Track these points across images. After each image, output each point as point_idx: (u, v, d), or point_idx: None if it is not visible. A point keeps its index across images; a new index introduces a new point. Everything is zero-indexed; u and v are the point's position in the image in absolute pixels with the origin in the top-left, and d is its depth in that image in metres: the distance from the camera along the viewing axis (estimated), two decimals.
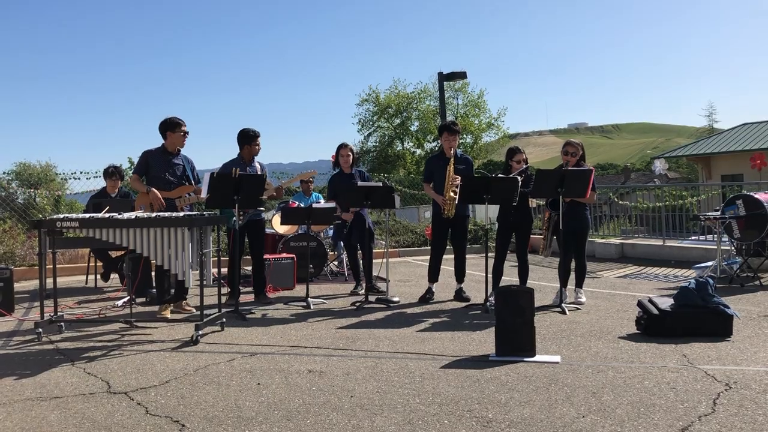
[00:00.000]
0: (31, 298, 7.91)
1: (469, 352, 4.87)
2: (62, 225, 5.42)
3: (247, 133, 7.07)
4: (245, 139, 7.07)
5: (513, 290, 4.81)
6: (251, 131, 7.08)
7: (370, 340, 5.33)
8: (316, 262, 9.05)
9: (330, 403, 3.75)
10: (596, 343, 5.05)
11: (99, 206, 6.96)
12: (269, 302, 7.23)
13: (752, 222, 7.97)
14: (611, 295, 7.38)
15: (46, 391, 4.06)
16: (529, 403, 3.67)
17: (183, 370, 4.46)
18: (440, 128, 7.49)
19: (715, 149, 27.20)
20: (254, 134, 7.07)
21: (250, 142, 7.06)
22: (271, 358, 4.77)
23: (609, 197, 14.42)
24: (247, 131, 7.08)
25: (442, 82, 16.86)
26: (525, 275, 7.04)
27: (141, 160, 6.53)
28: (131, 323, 5.80)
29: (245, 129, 7.11)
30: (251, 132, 7.07)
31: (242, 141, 7.08)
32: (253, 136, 7.06)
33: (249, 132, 7.07)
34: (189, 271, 5.39)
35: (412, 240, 13.12)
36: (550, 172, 6.55)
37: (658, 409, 3.52)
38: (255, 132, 7.08)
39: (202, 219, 5.62)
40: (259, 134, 7.11)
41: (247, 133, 7.06)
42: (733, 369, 4.27)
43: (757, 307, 6.39)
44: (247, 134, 7.06)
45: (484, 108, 39.89)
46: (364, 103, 40.38)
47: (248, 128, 7.11)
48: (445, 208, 7.02)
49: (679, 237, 11.59)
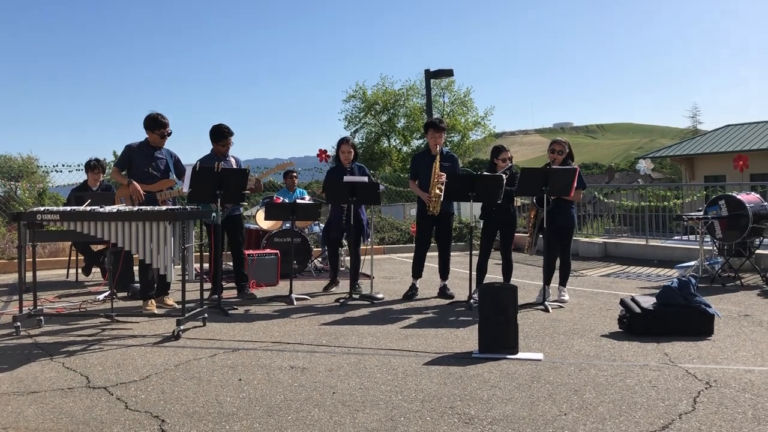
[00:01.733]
0: (9, 292, 7.80)
1: (452, 348, 4.86)
2: (43, 218, 5.35)
3: (220, 129, 7.02)
4: (218, 136, 7.02)
5: (496, 288, 4.81)
6: (225, 128, 7.03)
7: (354, 336, 5.31)
8: (300, 259, 9.01)
9: (312, 399, 3.72)
10: (579, 341, 5.07)
11: (80, 199, 6.89)
12: (252, 298, 7.18)
13: (734, 223, 8.04)
14: (594, 293, 7.42)
15: (23, 386, 4.00)
16: (512, 401, 3.67)
17: (164, 365, 4.42)
18: (426, 125, 7.48)
19: (699, 150, 27.42)
20: (228, 132, 7.03)
21: (223, 139, 7.02)
22: (253, 354, 4.74)
23: (594, 196, 14.48)
24: (220, 128, 7.03)
25: (429, 79, 16.85)
26: (509, 273, 7.05)
27: (123, 154, 6.47)
28: (112, 318, 5.74)
29: (219, 125, 7.06)
30: (224, 129, 7.03)
31: (216, 137, 7.04)
32: (227, 134, 7.03)
33: (222, 128, 7.02)
34: (171, 265, 5.34)
35: (397, 237, 13.11)
36: (535, 170, 6.56)
37: (640, 407, 3.54)
38: (229, 130, 7.05)
39: (185, 213, 5.56)
40: (232, 132, 7.08)
41: (221, 129, 7.02)
42: (713, 368, 4.30)
43: (737, 307, 6.44)
44: (221, 131, 7.01)
45: (470, 106, 39.96)
46: (350, 99, 40.29)
47: (221, 125, 7.06)
48: (431, 205, 7.01)
49: (662, 237, 11.67)
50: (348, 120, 40.62)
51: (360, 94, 39.79)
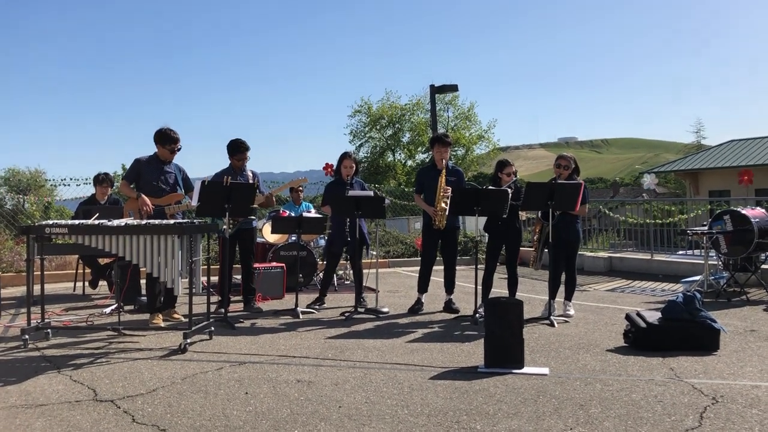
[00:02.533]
0: (17, 305, 7.84)
1: (457, 363, 4.87)
2: (51, 231, 5.39)
3: (237, 144, 7.13)
4: (235, 150, 7.12)
5: (502, 302, 4.82)
6: (242, 143, 7.14)
7: (359, 350, 5.32)
8: (305, 272, 9.03)
9: (318, 413, 3.74)
10: (584, 356, 5.07)
11: (88, 213, 6.93)
12: (258, 311, 7.20)
13: (739, 237, 8.04)
14: (599, 308, 7.41)
15: (31, 399, 4.02)
16: (517, 415, 3.67)
17: (170, 379, 4.44)
18: (432, 140, 7.51)
19: (703, 165, 27.42)
20: (245, 147, 7.14)
21: (240, 153, 7.10)
22: (260, 368, 4.75)
23: (599, 210, 14.49)
24: (237, 143, 7.14)
25: (434, 94, 16.95)
26: (514, 287, 7.06)
27: (132, 168, 6.52)
28: (119, 331, 5.76)
29: (236, 140, 7.17)
30: (242, 144, 7.13)
31: (233, 152, 7.13)
32: (244, 149, 7.13)
33: (239, 143, 7.13)
34: (178, 278, 5.38)
35: (402, 251, 13.12)
36: (541, 185, 6.59)
37: (646, 422, 3.54)
38: (246, 145, 7.15)
39: (193, 227, 5.60)
40: (249, 147, 7.18)
41: (238, 144, 7.12)
42: (719, 383, 4.29)
43: (743, 322, 6.43)
44: (238, 146, 7.12)
45: (474, 120, 40.05)
46: (356, 114, 40.42)
47: (239, 139, 7.17)
48: (437, 219, 7.03)
49: (667, 251, 11.66)
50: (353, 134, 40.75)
51: (365, 108, 39.94)
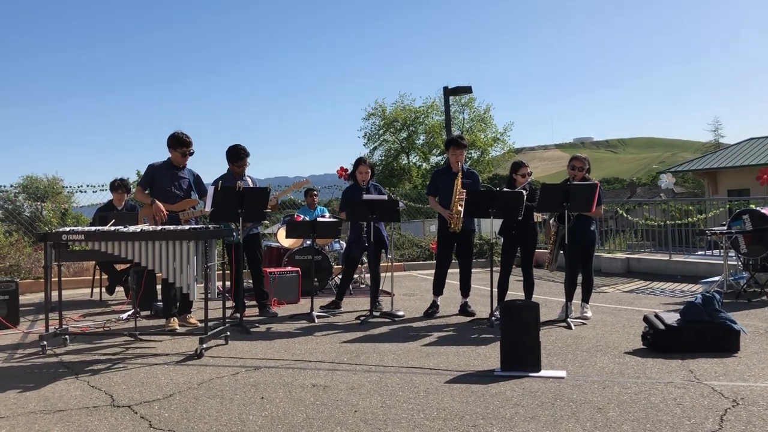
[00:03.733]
0: (36, 311, 7.92)
1: (473, 366, 4.84)
2: (68, 238, 5.44)
3: (237, 150, 7.13)
4: (235, 157, 7.13)
5: (518, 305, 4.79)
6: (242, 149, 7.14)
7: (375, 354, 5.31)
8: (320, 276, 9.04)
9: (334, 417, 3.73)
10: (602, 359, 5.02)
11: (105, 219, 6.98)
12: (273, 315, 7.22)
13: (759, 237, 7.94)
14: (617, 310, 7.35)
15: (50, 404, 4.05)
16: (534, 419, 3.64)
17: (187, 384, 4.45)
18: (447, 142, 7.49)
19: (721, 164, 27.13)
20: (245, 153, 7.14)
21: (240, 160, 7.11)
22: (275, 372, 4.75)
23: (616, 211, 14.38)
24: (237, 149, 7.14)
25: (448, 96, 16.93)
26: (530, 290, 7.01)
27: (146, 174, 6.57)
28: (136, 336, 5.79)
29: (235, 146, 7.17)
30: (241, 150, 7.14)
31: (232, 158, 7.15)
32: (244, 155, 7.13)
33: (239, 149, 7.14)
34: (194, 284, 5.40)
35: (417, 254, 13.11)
36: (556, 186, 6.55)
37: (665, 426, 3.49)
38: (245, 151, 7.16)
39: (207, 232, 5.62)
40: (249, 153, 7.19)
41: (237, 150, 7.13)
42: (740, 385, 4.23)
43: (764, 323, 6.34)
44: (238, 152, 7.13)
45: (490, 123, 39.97)
46: (370, 117, 40.48)
47: (238, 145, 7.17)
48: (452, 222, 7.01)
49: (686, 252, 11.55)
50: (367, 137, 40.80)
51: (379, 111, 39.97)
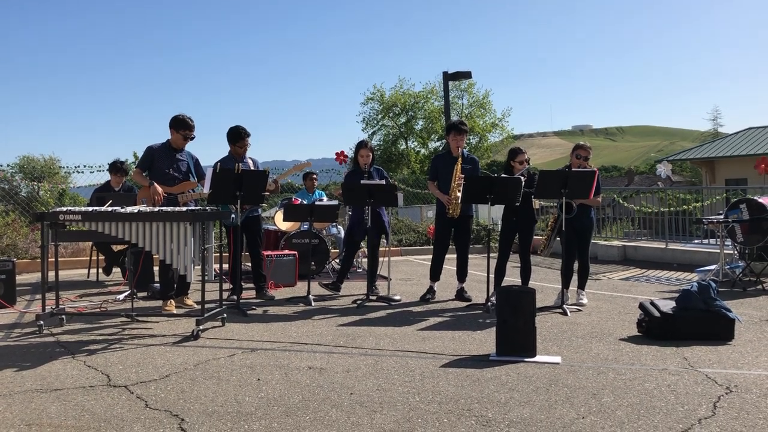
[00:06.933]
0: (32, 291, 7.93)
1: (469, 351, 4.86)
2: (65, 218, 5.42)
3: (237, 131, 7.11)
4: (236, 137, 7.10)
5: (515, 290, 4.80)
6: (242, 130, 7.12)
7: (371, 337, 5.33)
8: (317, 260, 9.05)
9: (330, 399, 3.75)
10: (597, 345, 5.04)
11: (102, 200, 6.97)
12: (270, 298, 7.23)
13: (756, 226, 7.95)
14: (613, 297, 7.37)
15: (46, 383, 4.06)
16: (529, 403, 3.66)
17: (183, 365, 4.46)
18: (448, 127, 7.47)
19: (720, 153, 27.10)
20: (245, 133, 7.11)
21: (241, 140, 7.09)
22: (272, 354, 4.77)
23: (613, 199, 14.39)
24: (237, 130, 7.12)
25: (447, 81, 16.89)
26: (527, 276, 7.03)
27: (144, 156, 6.53)
28: (132, 317, 5.80)
29: (236, 127, 7.15)
30: (242, 130, 7.11)
31: (233, 139, 7.12)
32: (245, 135, 7.11)
33: (240, 130, 7.11)
34: (191, 266, 5.40)
35: (414, 239, 13.11)
36: (554, 172, 6.55)
37: (658, 412, 3.52)
38: (246, 131, 7.13)
39: (205, 214, 5.62)
40: (249, 134, 7.16)
41: (238, 131, 7.11)
42: (734, 373, 4.26)
43: (759, 312, 6.37)
44: (239, 132, 7.10)
45: (489, 108, 39.85)
46: (368, 101, 40.31)
47: (239, 126, 7.15)
48: (451, 207, 7.00)
49: (682, 240, 11.57)
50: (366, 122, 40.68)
51: (378, 96, 39.82)
